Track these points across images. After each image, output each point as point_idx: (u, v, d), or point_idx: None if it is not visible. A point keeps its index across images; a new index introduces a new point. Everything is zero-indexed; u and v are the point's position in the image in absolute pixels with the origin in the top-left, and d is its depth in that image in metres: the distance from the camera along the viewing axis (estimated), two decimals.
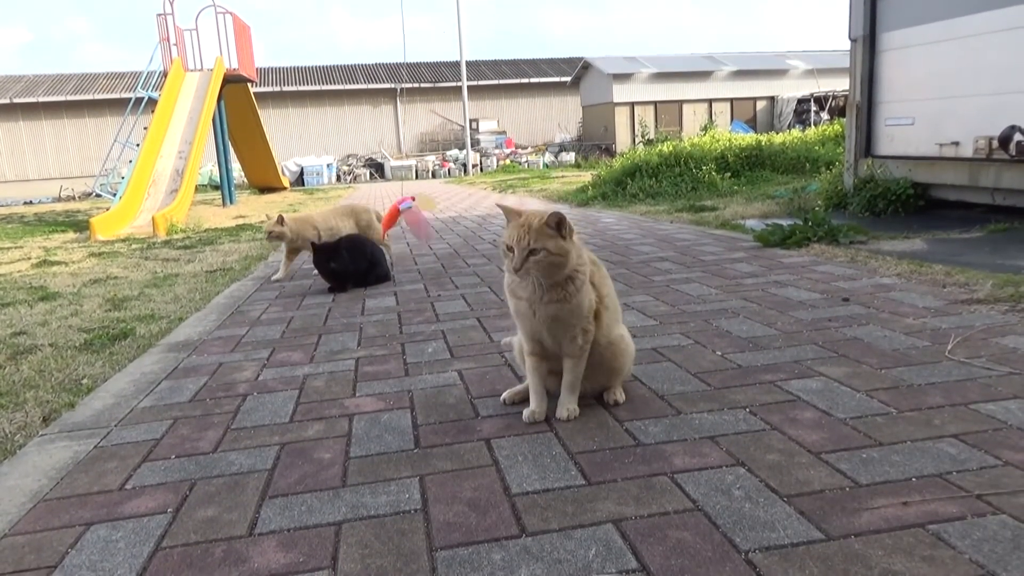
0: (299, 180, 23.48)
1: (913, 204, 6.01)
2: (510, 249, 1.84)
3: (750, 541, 1.36)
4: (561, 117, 28.77)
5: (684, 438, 1.85)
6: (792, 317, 2.96)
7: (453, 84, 26.48)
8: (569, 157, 24.12)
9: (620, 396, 2.13)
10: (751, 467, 1.66)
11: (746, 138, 12.00)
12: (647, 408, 2.07)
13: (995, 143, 5.27)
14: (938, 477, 1.56)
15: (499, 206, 1.93)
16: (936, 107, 5.91)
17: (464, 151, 24.25)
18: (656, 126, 22.68)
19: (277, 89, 26.44)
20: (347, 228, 4.90)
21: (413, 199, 4.50)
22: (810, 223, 4.83)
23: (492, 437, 1.94)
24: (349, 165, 25.59)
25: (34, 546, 1.53)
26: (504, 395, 2.19)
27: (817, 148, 11.19)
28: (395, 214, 4.53)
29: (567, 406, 2.03)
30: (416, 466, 1.79)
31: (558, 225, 1.82)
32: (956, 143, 5.71)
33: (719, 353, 2.54)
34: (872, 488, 1.53)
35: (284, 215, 4.75)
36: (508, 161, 24.65)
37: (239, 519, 1.58)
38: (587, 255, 2.02)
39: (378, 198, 14.29)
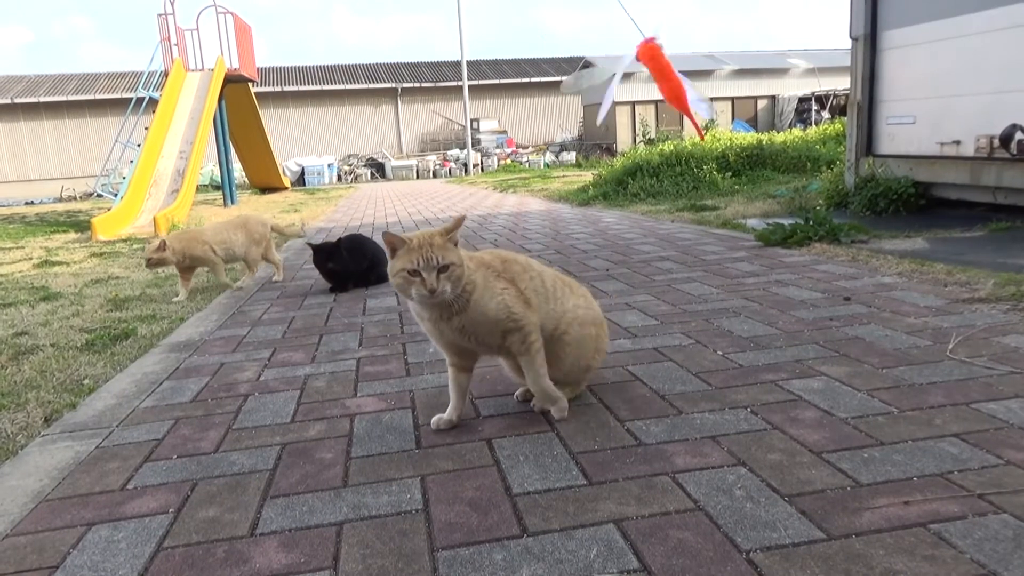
0: (300, 180, 23.49)
1: (914, 203, 6.00)
2: (414, 274, 1.76)
3: (751, 541, 1.36)
4: (562, 116, 28.76)
5: (685, 438, 1.85)
6: (793, 316, 2.96)
7: (454, 84, 26.47)
8: (570, 157, 24.11)
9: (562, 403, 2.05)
10: (752, 467, 1.66)
11: (747, 137, 11.99)
12: (648, 408, 2.07)
13: (996, 142, 5.27)
14: (939, 476, 1.56)
15: (384, 235, 1.84)
16: (937, 106, 5.90)
17: (465, 151, 24.24)
18: (657, 125, 22.66)
19: (278, 89, 26.45)
20: (240, 241, 4.57)
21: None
22: (811, 222, 4.82)
23: (493, 437, 1.94)
24: (350, 165, 25.60)
25: (36, 546, 1.53)
26: (516, 393, 2.20)
27: (818, 147, 11.19)
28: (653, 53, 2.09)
29: (547, 404, 2.02)
30: (417, 466, 1.79)
31: (450, 236, 1.81)
32: (957, 142, 5.71)
33: (720, 353, 2.54)
34: (873, 488, 1.53)
35: (166, 239, 4.27)
36: (509, 161, 24.65)
37: (241, 519, 1.59)
38: (484, 257, 1.99)
39: (376, 198, 14.30)
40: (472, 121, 24.89)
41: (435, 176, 24.30)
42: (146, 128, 12.27)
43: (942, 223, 5.28)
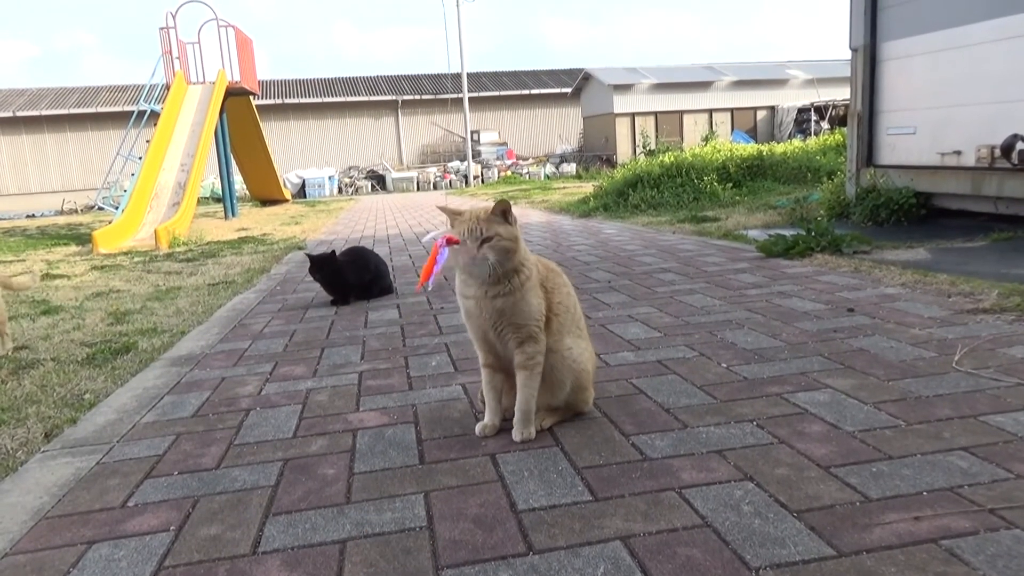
0: (301, 192, 23.53)
1: (915, 213, 6.00)
2: (460, 244, 1.88)
3: (760, 558, 1.35)
4: (562, 128, 28.84)
5: (691, 452, 1.83)
6: (797, 328, 2.94)
7: (454, 96, 26.56)
8: (570, 168, 24.15)
9: (546, 421, 2.05)
10: (760, 482, 1.64)
11: (747, 148, 12.02)
12: (653, 422, 2.06)
13: (997, 152, 5.27)
14: (949, 491, 1.54)
15: (439, 208, 1.96)
16: (937, 116, 5.91)
17: (465, 162, 24.29)
18: (657, 136, 22.71)
19: (279, 101, 26.53)
20: None
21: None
22: (813, 233, 4.82)
23: (497, 452, 1.92)
24: (351, 177, 25.64)
25: (35, 565, 1.51)
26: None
27: (818, 158, 11.20)
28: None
29: (521, 429, 1.99)
30: (421, 482, 1.78)
31: (503, 213, 1.88)
32: (958, 152, 5.71)
33: (724, 365, 2.52)
34: (883, 503, 1.51)
35: None
36: (509, 172, 24.68)
37: (243, 537, 1.57)
38: (536, 259, 2.03)
39: (377, 210, 14.31)
40: (472, 133, 24.95)
41: (435, 188, 24.33)
42: (147, 141, 12.30)
43: (944, 233, 5.27)
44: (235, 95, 14.75)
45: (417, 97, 27.92)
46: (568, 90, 26.97)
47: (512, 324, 1.93)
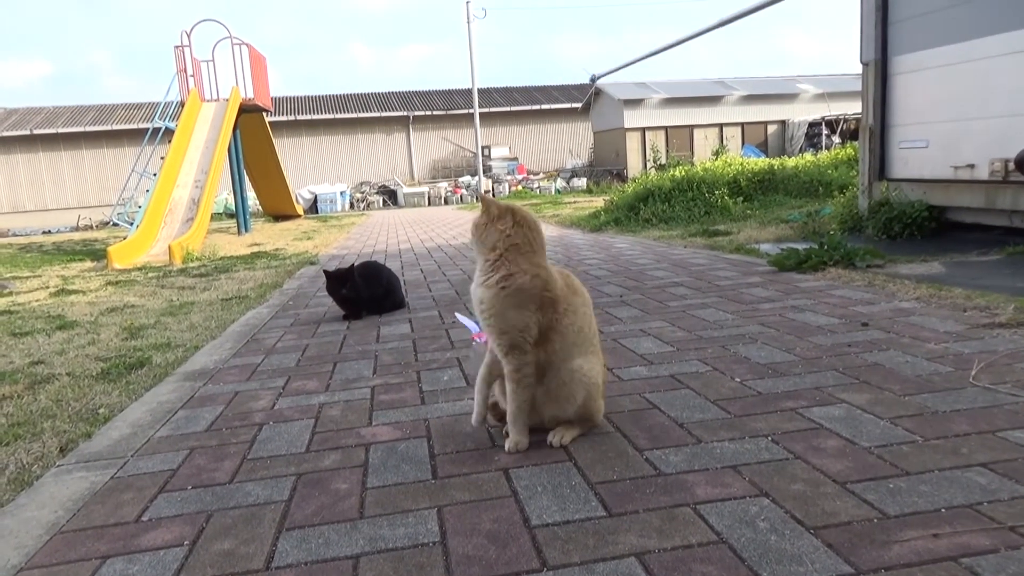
0: (313, 207, 23.69)
1: (929, 227, 5.97)
2: None
3: (777, 575, 1.33)
4: (572, 143, 28.93)
5: (706, 467, 1.82)
6: (811, 342, 2.92)
7: (465, 111, 26.74)
8: (581, 182, 24.21)
9: (565, 438, 2.03)
10: (775, 498, 1.63)
11: (758, 162, 12.00)
12: (667, 436, 2.04)
13: (1011, 165, 5.24)
14: (968, 508, 1.53)
15: (480, 197, 2.09)
16: (950, 129, 5.89)
17: (476, 177, 24.40)
18: (667, 151, 22.74)
19: (292, 118, 26.78)
20: None
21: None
22: (826, 247, 4.80)
23: (510, 467, 1.91)
24: (362, 192, 25.80)
25: None
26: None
27: (830, 171, 11.17)
28: None
29: (512, 438, 2.01)
30: (434, 497, 1.77)
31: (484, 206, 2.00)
32: (971, 165, 5.68)
33: (738, 380, 2.51)
34: (901, 519, 1.49)
35: None
36: (520, 187, 24.76)
37: (256, 552, 1.57)
38: (558, 275, 2.02)
39: (388, 225, 14.37)
40: (483, 148, 25.08)
41: (446, 203, 24.43)
42: (162, 158, 12.44)
43: (958, 247, 5.24)
44: (248, 112, 14.91)
45: (428, 113, 28.11)
46: (578, 105, 27.09)
47: (493, 326, 1.95)
